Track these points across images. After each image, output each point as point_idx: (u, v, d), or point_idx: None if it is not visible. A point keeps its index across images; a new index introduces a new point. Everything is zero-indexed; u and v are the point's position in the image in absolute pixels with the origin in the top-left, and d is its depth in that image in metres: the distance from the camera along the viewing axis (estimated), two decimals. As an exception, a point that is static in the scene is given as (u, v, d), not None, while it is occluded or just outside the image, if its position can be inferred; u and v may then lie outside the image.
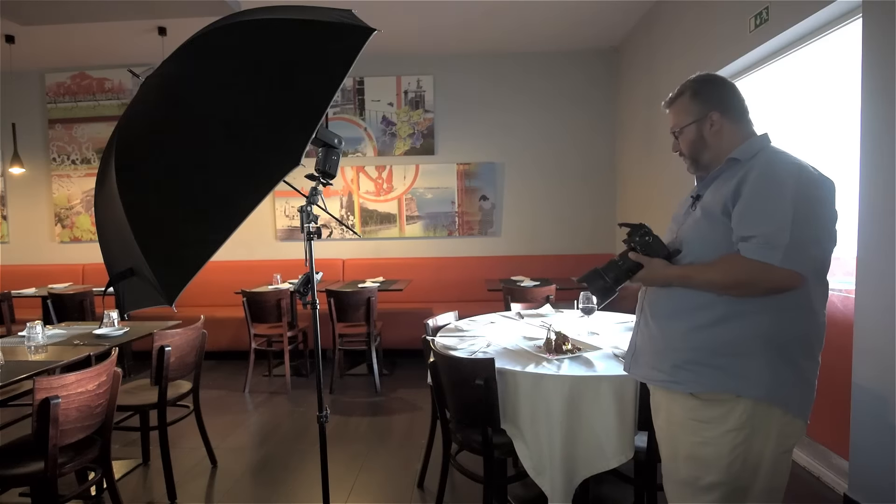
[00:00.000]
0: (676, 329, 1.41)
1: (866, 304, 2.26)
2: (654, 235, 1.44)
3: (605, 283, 1.48)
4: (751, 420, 1.32)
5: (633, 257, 1.45)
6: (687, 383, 1.37)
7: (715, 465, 1.35)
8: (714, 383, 1.34)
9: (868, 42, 2.24)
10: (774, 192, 1.27)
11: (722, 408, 1.34)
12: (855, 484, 2.34)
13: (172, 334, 2.67)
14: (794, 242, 1.23)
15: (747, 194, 1.29)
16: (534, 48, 5.64)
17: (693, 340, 1.38)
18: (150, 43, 5.03)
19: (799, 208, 1.24)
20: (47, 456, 1.91)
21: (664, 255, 1.42)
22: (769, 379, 1.31)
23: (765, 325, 1.31)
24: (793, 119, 3.09)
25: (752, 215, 1.28)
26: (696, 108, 1.44)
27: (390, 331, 4.99)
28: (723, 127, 1.43)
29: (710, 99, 1.43)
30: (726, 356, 1.33)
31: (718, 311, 1.34)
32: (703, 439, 1.36)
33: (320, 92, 1.34)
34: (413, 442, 3.25)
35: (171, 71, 1.42)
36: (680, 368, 1.39)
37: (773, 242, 1.24)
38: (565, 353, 2.15)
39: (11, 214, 6.08)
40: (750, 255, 1.27)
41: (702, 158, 1.47)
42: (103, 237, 1.49)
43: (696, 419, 1.37)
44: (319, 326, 1.77)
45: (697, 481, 1.38)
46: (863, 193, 2.27)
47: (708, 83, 1.46)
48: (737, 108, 1.44)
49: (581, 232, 5.84)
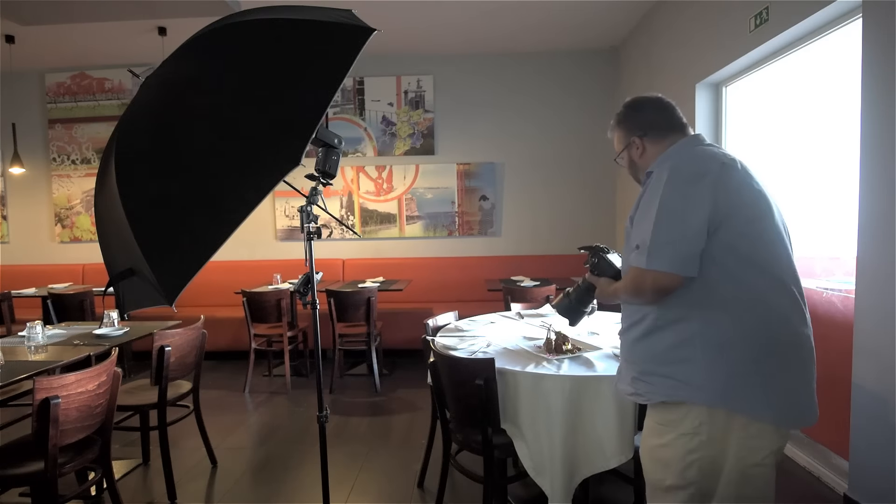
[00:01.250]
0: (628, 342, 1.47)
1: (866, 304, 2.26)
2: (602, 256, 1.56)
3: (569, 302, 1.66)
4: (705, 426, 1.31)
5: (588, 278, 1.60)
6: (645, 394, 1.41)
7: (671, 469, 1.36)
8: (666, 392, 1.36)
9: (868, 42, 2.24)
10: (653, 196, 1.33)
11: (678, 411, 1.35)
12: (855, 484, 2.34)
13: (172, 334, 2.67)
14: (655, 244, 1.28)
15: (641, 205, 1.38)
16: (534, 48, 5.64)
17: (641, 352, 1.42)
18: (150, 43, 5.03)
19: (662, 209, 1.29)
20: (47, 456, 1.91)
21: (611, 274, 1.53)
22: (714, 383, 1.29)
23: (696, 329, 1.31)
24: (793, 119, 3.09)
25: (637, 225, 1.37)
26: (623, 136, 1.54)
27: (390, 331, 4.99)
28: (645, 148, 1.50)
29: (631, 125, 1.52)
30: (670, 364, 1.35)
31: (652, 321, 1.37)
32: (662, 442, 1.39)
33: (320, 92, 1.34)
34: (413, 442, 3.25)
35: (171, 71, 1.42)
36: (637, 380, 1.42)
37: (643, 248, 1.31)
38: (565, 353, 2.15)
39: (11, 214, 6.08)
40: (631, 263, 1.36)
41: (639, 177, 1.54)
42: (103, 237, 1.49)
43: (658, 422, 1.41)
44: (319, 326, 1.77)
45: (661, 483, 1.40)
46: (863, 193, 2.27)
47: (629, 109, 1.53)
48: (657, 126, 1.48)
49: (581, 232, 5.84)
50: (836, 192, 2.71)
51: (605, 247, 1.59)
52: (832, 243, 2.73)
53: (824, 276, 2.70)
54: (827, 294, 2.62)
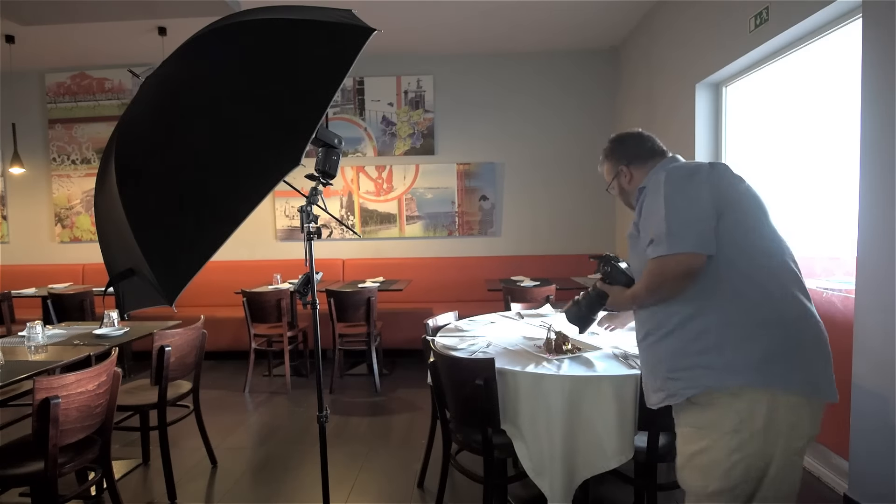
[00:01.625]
0: (649, 345, 1.50)
1: (866, 304, 2.26)
2: (614, 265, 1.59)
3: (580, 310, 1.68)
4: (746, 422, 1.31)
5: (599, 286, 1.62)
6: (680, 392, 1.41)
7: (715, 472, 1.35)
8: (700, 382, 1.36)
9: (868, 42, 2.24)
10: (655, 196, 1.42)
11: (716, 411, 1.35)
12: (855, 484, 2.34)
13: (172, 334, 2.67)
14: (672, 229, 1.35)
15: (643, 210, 1.47)
16: (534, 48, 5.64)
17: (664, 350, 1.44)
18: (150, 43, 5.03)
19: (669, 200, 1.37)
20: (47, 456, 1.91)
21: (623, 282, 1.57)
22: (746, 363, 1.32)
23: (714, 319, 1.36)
24: (793, 119, 3.09)
25: (645, 223, 1.45)
26: (611, 167, 1.70)
27: (390, 331, 4.99)
28: (632, 174, 1.65)
29: (617, 157, 1.68)
30: (696, 355, 1.37)
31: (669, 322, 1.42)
32: (701, 447, 1.38)
33: (320, 92, 1.34)
34: (413, 442, 3.25)
35: (171, 71, 1.42)
36: (669, 380, 1.43)
37: (660, 237, 1.36)
38: (565, 353, 2.15)
39: (11, 214, 6.08)
40: (651, 255, 1.40)
41: (631, 202, 1.66)
42: (103, 237, 1.49)
43: (694, 426, 1.40)
44: (319, 326, 1.77)
45: (703, 490, 1.38)
46: (863, 193, 2.27)
47: (614, 144, 1.70)
48: (640, 154, 1.64)
49: (581, 232, 5.85)
50: (836, 192, 2.71)
51: (615, 256, 1.62)
52: (832, 243, 2.73)
53: (824, 276, 2.70)
54: (827, 294, 2.62)
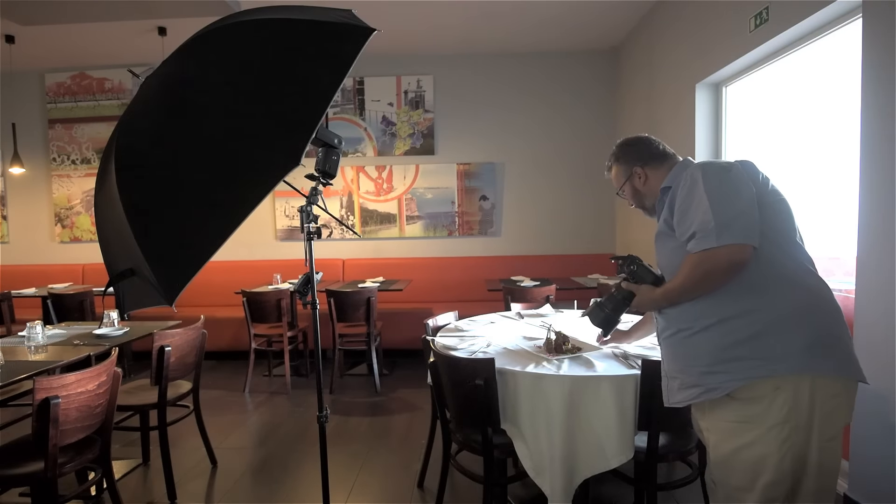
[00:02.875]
0: (684, 339, 1.47)
1: (866, 304, 2.26)
2: (640, 264, 1.59)
3: (605, 313, 1.67)
4: (794, 412, 1.32)
5: (624, 286, 1.61)
6: (722, 385, 1.39)
7: (767, 465, 1.34)
8: (746, 373, 1.36)
9: (868, 42, 2.24)
10: (692, 191, 1.42)
11: (761, 403, 1.35)
12: (855, 484, 2.34)
13: (172, 334, 2.67)
14: (720, 221, 1.34)
15: (678, 204, 1.46)
16: (534, 48, 5.64)
17: (706, 343, 1.43)
18: (150, 43, 5.03)
19: (712, 194, 1.37)
20: (47, 456, 1.91)
21: (650, 280, 1.56)
22: (793, 351, 1.33)
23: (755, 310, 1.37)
24: (793, 119, 3.09)
25: (683, 218, 1.44)
26: (623, 170, 1.70)
27: (390, 331, 4.99)
28: (647, 175, 1.66)
29: (629, 158, 1.68)
30: (742, 345, 1.37)
31: (718, 307, 1.41)
32: (747, 440, 1.37)
33: (320, 92, 1.34)
34: (413, 442, 3.25)
35: (171, 71, 1.42)
36: (708, 374, 1.41)
37: (705, 230, 1.36)
38: (565, 353, 2.15)
39: (11, 214, 6.08)
40: (695, 249, 1.39)
41: (646, 203, 1.70)
42: (103, 237, 1.49)
43: (738, 421, 1.38)
44: (319, 326, 1.77)
45: (750, 485, 1.37)
46: (863, 193, 2.27)
47: (625, 146, 1.71)
48: (654, 155, 1.66)
49: (581, 232, 5.85)
50: (835, 192, 2.71)
51: (638, 257, 1.62)
52: (832, 243, 2.73)
53: (824, 276, 2.69)
54: (827, 294, 2.62)
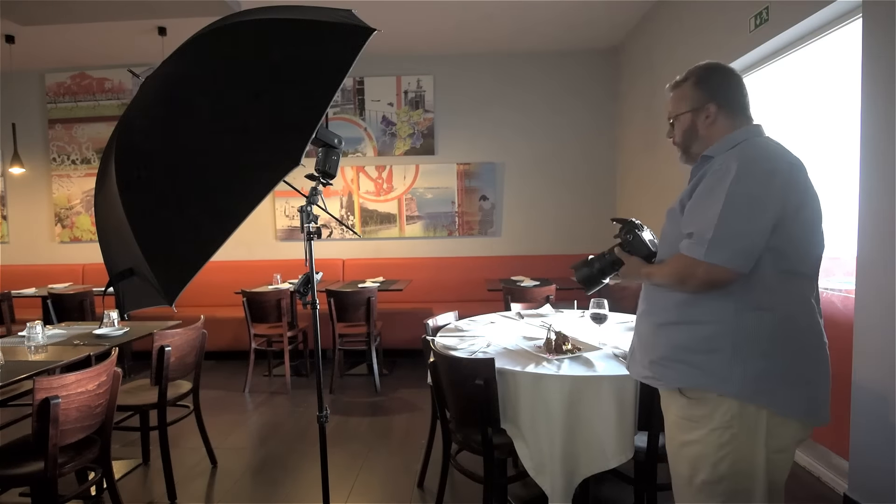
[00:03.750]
0: (652, 325, 1.45)
1: (866, 304, 2.26)
2: (637, 234, 1.47)
3: (591, 272, 1.56)
4: (737, 419, 1.30)
5: (616, 252, 1.52)
6: (664, 379, 1.40)
7: (703, 464, 1.35)
8: (687, 380, 1.35)
9: (868, 42, 2.24)
10: (717, 189, 1.27)
11: (707, 406, 1.34)
12: (855, 484, 2.34)
13: (172, 334, 2.67)
14: (716, 236, 1.25)
15: (698, 192, 1.32)
16: (534, 48, 5.64)
17: (666, 337, 1.40)
18: (150, 43, 5.03)
19: (730, 202, 1.24)
20: (47, 456, 1.91)
21: (644, 254, 1.47)
22: (744, 376, 1.29)
23: (732, 323, 1.30)
24: (793, 119, 3.09)
25: (692, 213, 1.32)
26: (696, 97, 1.43)
27: (390, 331, 4.99)
28: (717, 120, 1.41)
29: (711, 89, 1.42)
30: (701, 353, 1.33)
31: (689, 309, 1.35)
32: (691, 438, 1.37)
33: (320, 92, 1.34)
34: (413, 442, 3.25)
35: (171, 71, 1.42)
36: (656, 364, 1.41)
37: (701, 238, 1.27)
38: (565, 353, 2.15)
39: (11, 214, 6.08)
40: (683, 251, 1.31)
41: (692, 148, 1.46)
42: (103, 237, 1.49)
43: (686, 417, 1.39)
44: (319, 326, 1.77)
45: (692, 479, 1.38)
46: (863, 193, 2.27)
47: (714, 72, 1.44)
48: (736, 101, 1.42)
49: (581, 232, 5.85)
50: (836, 192, 2.71)
51: (640, 224, 1.51)
52: (832, 243, 2.72)
53: (824, 276, 2.69)
54: (827, 294, 2.62)
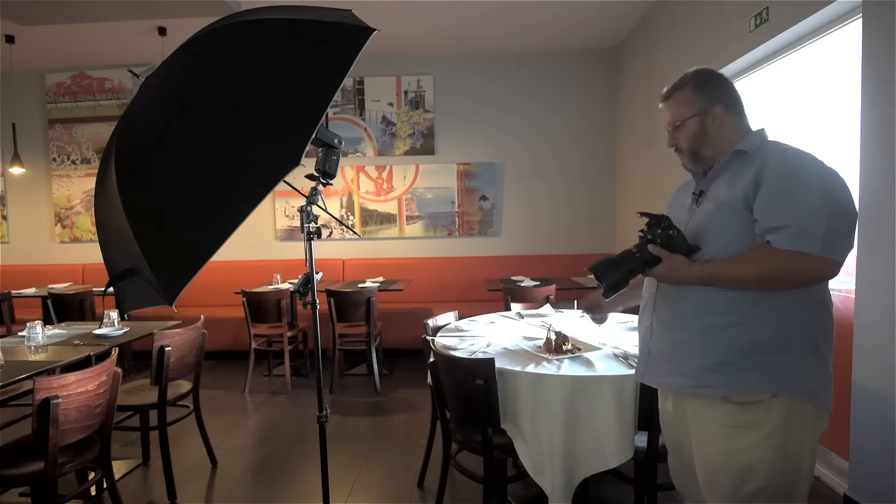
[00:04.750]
0: (702, 328, 1.34)
1: (866, 304, 2.26)
2: (678, 229, 1.35)
3: (621, 273, 1.38)
4: (792, 418, 1.28)
5: (652, 250, 1.36)
6: (718, 386, 1.31)
7: (757, 471, 1.28)
8: (750, 384, 1.29)
9: (868, 42, 2.24)
10: (801, 181, 1.24)
11: (758, 410, 1.28)
12: (855, 484, 2.34)
13: (172, 334, 2.67)
14: (831, 231, 1.20)
15: (770, 184, 1.25)
16: (534, 48, 5.64)
17: (723, 340, 1.31)
18: (150, 43, 5.03)
19: (828, 198, 1.22)
20: (47, 456, 1.91)
21: (685, 250, 1.35)
22: (806, 374, 1.28)
23: (798, 320, 1.28)
24: (793, 119, 3.09)
25: (779, 205, 1.23)
26: (700, 100, 1.41)
27: (390, 331, 4.99)
28: (725, 121, 1.41)
29: (713, 92, 1.42)
30: (761, 355, 1.28)
31: (751, 309, 1.29)
32: (742, 446, 1.30)
33: (320, 92, 1.34)
34: (413, 442, 3.25)
35: (170, 71, 1.42)
36: (709, 371, 1.32)
37: (809, 232, 1.20)
38: (565, 354, 2.15)
39: (11, 214, 6.08)
40: (784, 245, 1.22)
41: (703, 152, 1.43)
42: (103, 237, 1.49)
43: (733, 425, 1.31)
44: (319, 326, 1.77)
45: (739, 490, 1.31)
46: (863, 193, 2.27)
47: (711, 76, 1.45)
48: (737, 102, 1.43)
49: (581, 232, 5.85)
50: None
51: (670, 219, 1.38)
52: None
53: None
54: (827, 294, 2.62)
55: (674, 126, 1.46)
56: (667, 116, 1.48)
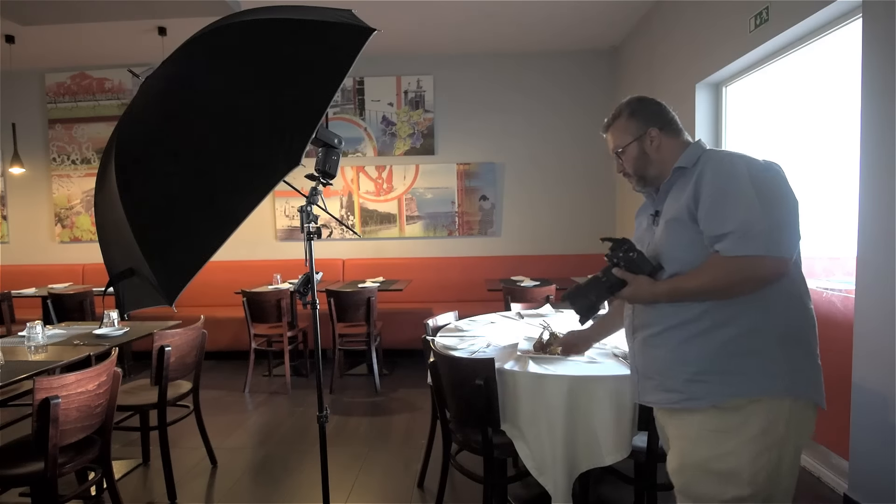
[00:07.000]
0: (681, 342, 1.36)
1: (866, 304, 2.26)
2: (639, 251, 1.40)
3: (589, 301, 1.46)
4: (777, 419, 1.27)
5: (617, 273, 1.41)
6: (705, 396, 1.31)
7: (740, 477, 1.28)
8: (733, 389, 1.29)
9: (868, 42, 2.24)
10: (733, 186, 1.27)
11: (741, 413, 1.29)
12: (855, 484, 2.34)
13: (172, 334, 2.67)
14: (773, 227, 1.23)
15: (707, 194, 1.29)
16: (534, 48, 5.64)
17: (695, 352, 1.33)
18: (150, 43, 5.03)
19: (761, 193, 1.24)
20: (47, 456, 1.91)
21: (648, 271, 1.39)
22: (787, 371, 1.29)
23: (762, 317, 1.30)
24: (793, 119, 3.09)
25: (718, 213, 1.27)
26: (635, 127, 1.48)
27: (390, 331, 4.99)
28: (662, 141, 1.47)
29: (646, 117, 1.48)
30: (734, 357, 1.30)
31: (721, 313, 1.31)
32: (725, 451, 1.30)
33: (320, 92, 1.34)
34: (413, 442, 3.25)
35: (170, 71, 1.42)
36: (693, 382, 1.33)
37: (751, 234, 1.23)
38: (547, 355, 2.12)
39: (11, 214, 6.08)
40: (731, 252, 1.25)
41: (648, 174, 1.50)
42: (103, 237, 1.49)
43: (714, 430, 1.31)
44: (319, 326, 1.77)
45: (720, 496, 1.30)
46: (863, 193, 2.27)
47: (642, 102, 1.51)
48: (671, 122, 1.49)
49: (581, 232, 5.84)
50: (836, 192, 2.71)
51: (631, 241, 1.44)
52: (832, 243, 2.73)
53: (824, 276, 2.70)
54: (827, 294, 2.62)
55: (616, 153, 1.54)
56: (610, 145, 1.56)
